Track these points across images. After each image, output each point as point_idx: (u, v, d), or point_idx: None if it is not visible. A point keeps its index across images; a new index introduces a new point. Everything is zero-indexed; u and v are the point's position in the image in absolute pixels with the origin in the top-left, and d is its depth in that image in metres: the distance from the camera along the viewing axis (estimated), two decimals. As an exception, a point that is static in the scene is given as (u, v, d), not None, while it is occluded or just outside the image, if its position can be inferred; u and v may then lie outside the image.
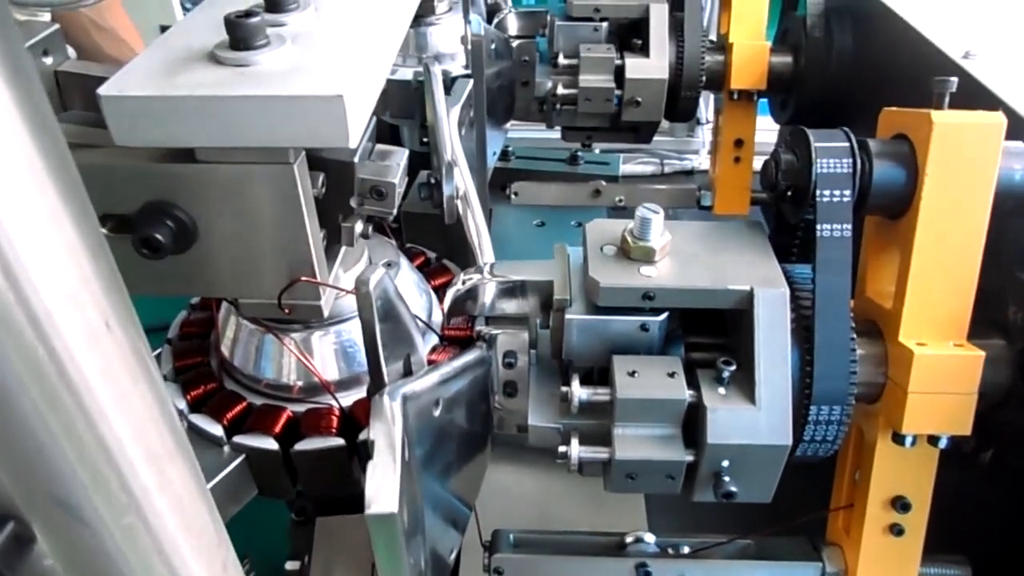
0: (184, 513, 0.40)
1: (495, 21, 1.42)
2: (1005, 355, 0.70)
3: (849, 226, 0.66)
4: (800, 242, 0.71)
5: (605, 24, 1.31)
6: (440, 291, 0.90)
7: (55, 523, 0.33)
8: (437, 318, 0.86)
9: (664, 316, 0.67)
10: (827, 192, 0.66)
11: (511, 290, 0.73)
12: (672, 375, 0.65)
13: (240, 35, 0.56)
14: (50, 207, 0.28)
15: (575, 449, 0.68)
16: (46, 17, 0.72)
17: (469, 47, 1.11)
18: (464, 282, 0.72)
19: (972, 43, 0.91)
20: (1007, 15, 1.08)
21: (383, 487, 0.50)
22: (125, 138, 0.55)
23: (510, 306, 0.73)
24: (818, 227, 0.66)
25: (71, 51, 0.73)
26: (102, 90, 0.53)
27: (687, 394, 0.64)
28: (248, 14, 0.57)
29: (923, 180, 0.63)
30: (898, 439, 0.68)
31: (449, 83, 1.03)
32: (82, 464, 0.33)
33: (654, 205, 0.67)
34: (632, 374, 0.65)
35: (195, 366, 0.81)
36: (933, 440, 0.68)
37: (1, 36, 0.27)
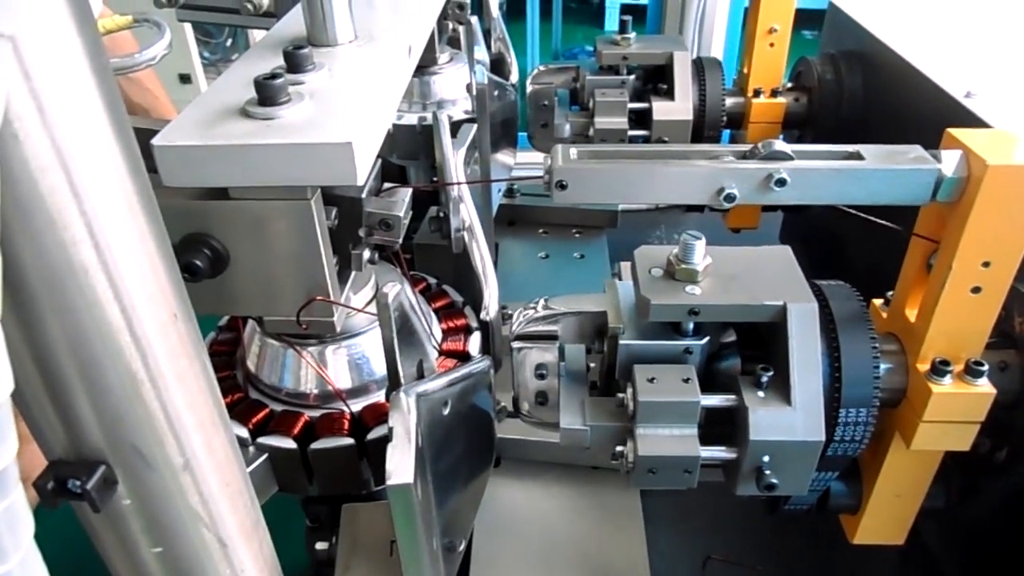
0: (223, 475, 0.51)
1: (529, 77, 1.53)
2: (1016, 362, 0.78)
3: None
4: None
5: (632, 78, 1.42)
6: (439, 312, 1.01)
7: (133, 468, 0.44)
8: (436, 335, 0.96)
9: (705, 340, 0.75)
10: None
11: (545, 315, 0.83)
12: (687, 380, 0.73)
13: (267, 94, 0.67)
14: (140, 230, 0.39)
15: (630, 449, 0.75)
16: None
17: (474, 94, 1.22)
18: (524, 314, 0.83)
19: (973, 83, 0.98)
20: (1005, 56, 1.15)
21: (401, 462, 0.59)
22: (173, 180, 0.66)
23: (541, 326, 0.83)
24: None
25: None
26: (155, 141, 0.64)
27: (700, 397, 0.72)
28: (273, 76, 0.68)
29: (969, 212, 0.66)
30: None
31: (455, 127, 1.14)
32: (151, 424, 0.44)
33: (696, 232, 0.74)
34: (651, 380, 0.73)
35: (224, 379, 0.92)
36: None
37: (109, 102, 0.38)
